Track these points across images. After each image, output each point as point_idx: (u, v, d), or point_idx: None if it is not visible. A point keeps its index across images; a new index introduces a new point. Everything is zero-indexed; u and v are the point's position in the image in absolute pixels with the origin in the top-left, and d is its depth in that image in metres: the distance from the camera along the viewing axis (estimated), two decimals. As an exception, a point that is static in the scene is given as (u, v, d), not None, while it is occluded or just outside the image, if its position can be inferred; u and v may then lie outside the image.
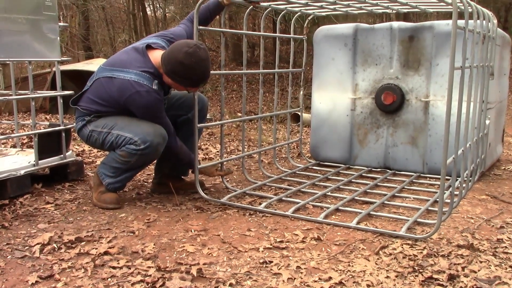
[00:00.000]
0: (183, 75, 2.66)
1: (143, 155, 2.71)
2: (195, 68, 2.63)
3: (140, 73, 2.67)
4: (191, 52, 2.60)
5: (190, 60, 2.60)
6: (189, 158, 2.94)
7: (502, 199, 3.06)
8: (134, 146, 2.68)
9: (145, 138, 2.67)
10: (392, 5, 3.30)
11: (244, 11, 3.61)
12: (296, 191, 3.18)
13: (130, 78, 2.65)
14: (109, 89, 2.71)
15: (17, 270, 1.98)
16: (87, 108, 2.79)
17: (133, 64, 2.69)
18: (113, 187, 2.82)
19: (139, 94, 2.65)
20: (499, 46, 3.58)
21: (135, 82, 2.64)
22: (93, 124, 2.79)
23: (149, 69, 2.70)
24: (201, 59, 2.62)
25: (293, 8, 3.53)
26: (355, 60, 3.85)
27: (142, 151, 2.68)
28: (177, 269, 1.99)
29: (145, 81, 2.66)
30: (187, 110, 3.04)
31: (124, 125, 2.73)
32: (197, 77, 2.69)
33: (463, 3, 2.36)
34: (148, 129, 2.70)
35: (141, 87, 2.64)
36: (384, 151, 3.82)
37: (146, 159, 2.76)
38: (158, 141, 2.71)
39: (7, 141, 4.41)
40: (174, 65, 2.62)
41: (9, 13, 2.88)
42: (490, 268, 2.04)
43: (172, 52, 2.64)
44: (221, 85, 3.26)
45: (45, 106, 8.98)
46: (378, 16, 12.37)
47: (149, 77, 2.68)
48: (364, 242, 2.32)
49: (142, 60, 2.71)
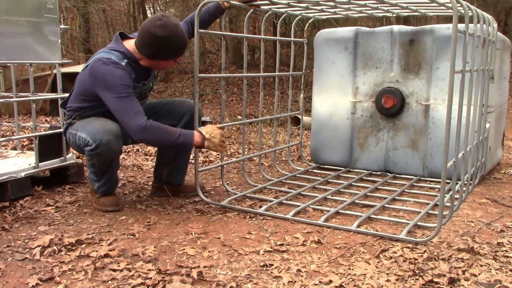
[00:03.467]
0: (167, 49, 2.60)
1: (98, 155, 2.61)
2: (174, 36, 2.57)
3: (108, 51, 2.63)
4: (163, 24, 2.55)
5: (167, 30, 2.54)
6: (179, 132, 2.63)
7: (502, 203, 3.06)
8: (88, 147, 2.60)
9: (94, 137, 2.57)
10: (393, 9, 3.31)
11: (244, 14, 3.61)
12: (296, 194, 3.18)
13: (99, 56, 2.61)
14: (84, 76, 2.67)
15: (18, 273, 1.98)
16: (70, 107, 2.76)
17: (103, 50, 2.67)
18: (103, 190, 2.82)
19: (105, 65, 2.56)
20: (499, 50, 3.59)
21: (103, 58, 2.59)
22: (73, 127, 2.74)
23: (119, 49, 2.65)
24: (175, 25, 2.59)
25: (293, 12, 3.53)
26: (356, 63, 3.85)
27: (95, 150, 2.59)
28: (178, 272, 1.99)
29: (112, 57, 2.60)
30: (177, 119, 2.99)
31: (84, 124, 2.67)
32: (181, 43, 2.63)
33: (464, 7, 2.37)
34: (98, 127, 2.60)
35: (107, 60, 2.58)
36: (385, 154, 3.82)
37: (104, 158, 2.64)
38: (107, 138, 2.57)
39: (8, 143, 4.41)
40: (155, 42, 2.56)
41: (11, 15, 2.89)
42: (490, 271, 2.04)
43: (146, 32, 2.58)
44: (221, 88, 3.27)
45: (45, 108, 9.00)
46: (378, 19, 12.40)
47: (118, 54, 2.63)
48: (365, 245, 2.32)
49: (113, 44, 2.69)
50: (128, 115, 2.55)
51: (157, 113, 3.00)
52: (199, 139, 2.68)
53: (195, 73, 2.87)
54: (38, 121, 6.11)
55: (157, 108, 3.02)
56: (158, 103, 3.09)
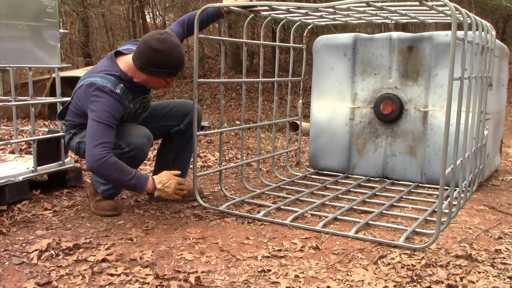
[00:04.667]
0: (159, 64, 2.54)
1: (130, 158, 2.64)
2: (171, 53, 2.53)
3: (104, 76, 2.61)
4: (163, 38, 2.52)
5: (165, 45, 2.50)
6: (134, 174, 2.55)
7: (500, 210, 3.06)
8: (119, 150, 2.62)
9: (128, 141, 2.63)
10: (391, 16, 3.32)
11: (243, 19, 3.62)
12: (294, 200, 3.18)
13: (94, 80, 2.60)
14: (80, 96, 2.66)
15: (15, 277, 1.97)
16: (72, 121, 2.77)
17: (98, 70, 2.66)
18: (109, 193, 2.82)
19: (98, 91, 2.55)
20: (498, 57, 3.60)
21: (98, 83, 2.57)
22: (79, 136, 2.76)
23: (115, 72, 2.63)
24: (175, 44, 2.55)
25: (293, 18, 3.54)
26: (354, 69, 3.86)
27: (128, 153, 2.63)
28: (175, 277, 1.98)
29: (108, 84, 2.58)
30: (179, 120, 3.01)
31: None
32: (174, 63, 2.57)
33: (462, 14, 2.38)
34: (130, 131, 2.66)
35: (104, 87, 2.56)
36: (383, 160, 3.82)
37: (133, 161, 2.67)
38: (142, 142, 2.66)
39: (6, 147, 4.40)
40: (149, 54, 2.52)
41: (11, 20, 2.89)
42: (488, 278, 2.04)
43: (144, 42, 2.55)
44: (220, 93, 3.27)
45: (43, 112, 8.99)
46: (377, 26, 12.43)
47: (114, 80, 2.61)
48: (363, 251, 2.32)
49: (109, 65, 2.67)
50: (93, 141, 2.49)
51: (158, 116, 3.00)
52: (151, 186, 2.61)
53: (194, 78, 2.87)
54: (36, 125, 6.10)
55: (158, 110, 3.02)
56: (157, 105, 3.08)
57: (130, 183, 2.54)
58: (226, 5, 2.95)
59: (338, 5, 2.64)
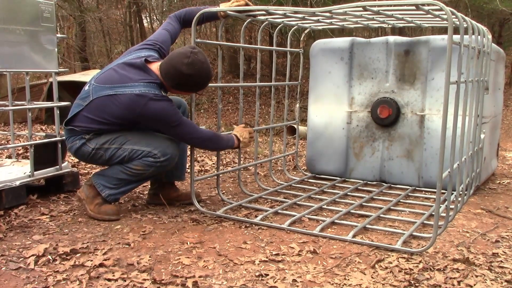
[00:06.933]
0: (190, 84, 2.74)
1: (161, 167, 2.79)
2: (201, 74, 2.71)
3: (147, 84, 2.69)
4: (191, 62, 2.66)
5: (194, 69, 2.67)
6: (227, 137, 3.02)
7: (497, 213, 3.07)
8: (152, 158, 2.73)
9: (164, 151, 2.76)
10: (388, 20, 3.33)
11: (241, 24, 3.63)
12: (292, 204, 3.18)
13: (139, 90, 2.66)
14: (115, 106, 2.67)
15: (12, 282, 1.96)
16: (85, 127, 2.76)
17: (135, 78, 2.69)
18: (114, 198, 2.82)
19: (154, 101, 2.66)
20: (494, 61, 3.61)
21: (145, 92, 2.65)
22: (94, 142, 2.75)
23: (155, 80, 2.73)
24: (202, 63, 2.70)
25: (290, 22, 3.55)
26: (351, 73, 3.87)
27: (162, 163, 2.76)
28: (173, 282, 1.98)
29: (155, 91, 2.69)
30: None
31: (138, 139, 2.76)
32: (204, 80, 2.77)
33: (459, 18, 2.39)
34: (166, 142, 2.79)
35: (154, 95, 2.67)
36: (380, 164, 3.83)
37: (163, 169, 2.83)
38: (176, 153, 2.82)
39: (3, 151, 4.39)
40: (180, 78, 2.68)
41: (8, 24, 2.89)
42: (485, 282, 2.04)
43: (173, 67, 2.67)
44: (218, 98, 3.27)
45: (40, 117, 8.97)
46: (374, 30, 12.47)
47: (157, 86, 2.72)
48: (360, 255, 2.32)
49: (144, 74, 2.73)
50: (195, 134, 2.84)
51: None
52: (237, 141, 3.07)
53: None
54: (33, 130, 6.09)
55: None
56: None
57: (228, 145, 3.03)
58: (223, 10, 2.96)
59: (335, 9, 2.65)
